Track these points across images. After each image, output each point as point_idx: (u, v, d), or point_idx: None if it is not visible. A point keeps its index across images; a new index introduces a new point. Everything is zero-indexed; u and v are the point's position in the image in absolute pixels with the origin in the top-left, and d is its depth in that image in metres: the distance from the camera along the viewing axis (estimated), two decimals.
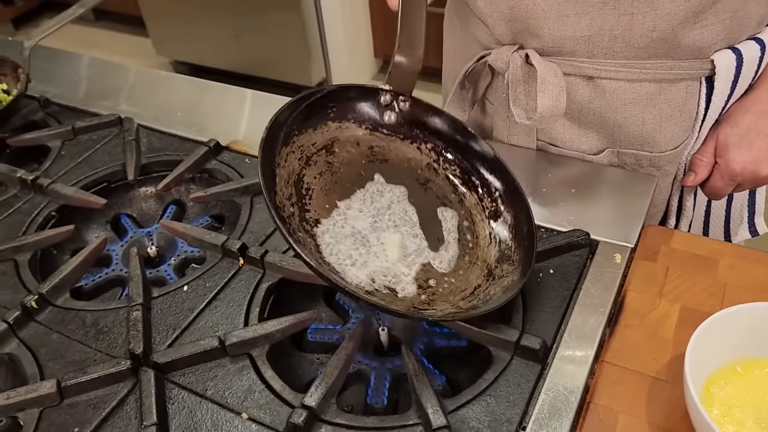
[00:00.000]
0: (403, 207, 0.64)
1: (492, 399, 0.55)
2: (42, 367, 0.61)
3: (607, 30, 0.67)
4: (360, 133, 0.68)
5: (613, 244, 0.67)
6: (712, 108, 0.71)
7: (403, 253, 0.61)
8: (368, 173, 0.66)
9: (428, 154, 0.68)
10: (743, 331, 0.51)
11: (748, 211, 0.84)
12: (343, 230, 0.60)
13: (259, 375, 0.59)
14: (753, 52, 0.69)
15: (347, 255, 0.58)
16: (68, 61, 1.11)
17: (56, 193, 0.81)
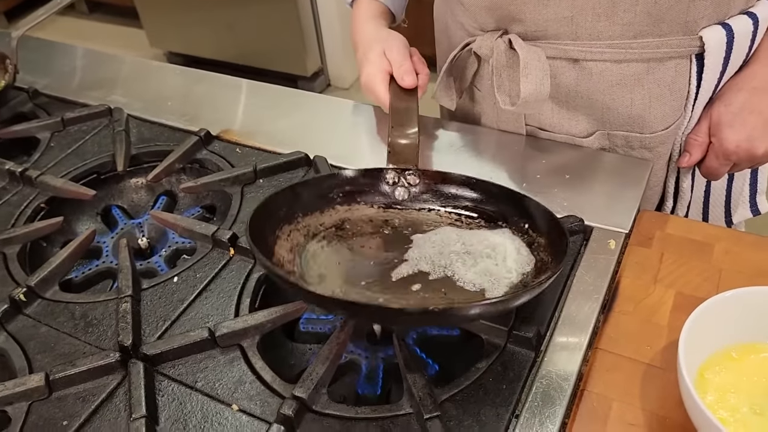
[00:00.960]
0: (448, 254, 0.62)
1: (485, 387, 0.54)
2: (30, 361, 0.61)
3: (589, 8, 0.66)
4: (372, 212, 0.67)
5: (608, 230, 0.66)
6: (703, 86, 0.70)
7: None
8: (391, 242, 0.64)
9: (449, 217, 0.67)
10: (738, 316, 0.50)
11: (750, 190, 0.83)
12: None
13: (249, 366, 0.58)
14: (745, 27, 0.67)
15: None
16: (57, 51, 1.10)
17: (45, 185, 0.80)
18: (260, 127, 0.87)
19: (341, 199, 0.67)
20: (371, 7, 0.85)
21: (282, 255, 0.61)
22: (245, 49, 2.70)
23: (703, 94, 0.71)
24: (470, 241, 0.63)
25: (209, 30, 2.71)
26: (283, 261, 0.60)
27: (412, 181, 0.68)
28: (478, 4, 0.73)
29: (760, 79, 0.69)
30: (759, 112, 0.69)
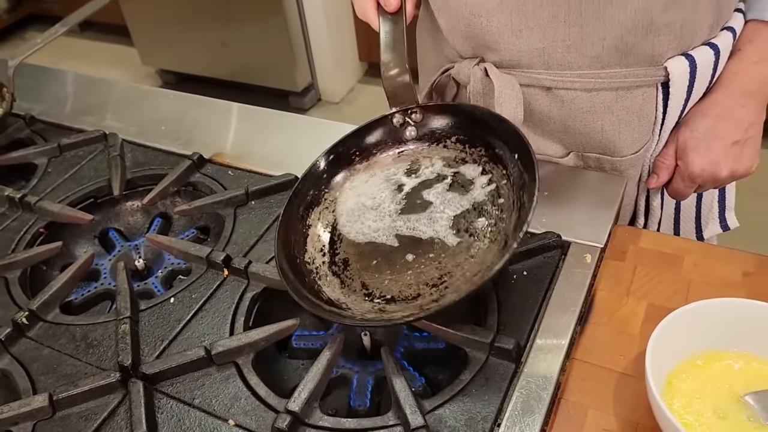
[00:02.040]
0: (437, 200, 0.68)
1: (468, 398, 0.57)
2: (34, 382, 0.63)
3: (559, 41, 0.70)
4: (390, 159, 0.73)
5: (584, 244, 0.69)
6: (669, 112, 0.74)
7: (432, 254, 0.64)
8: (401, 184, 0.71)
9: (455, 147, 0.71)
10: (703, 326, 0.54)
11: (718, 207, 0.87)
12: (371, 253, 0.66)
13: (244, 382, 0.61)
14: (706, 57, 0.71)
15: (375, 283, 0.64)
16: (52, 77, 1.13)
17: (44, 210, 0.82)
18: (251, 150, 0.90)
19: (359, 158, 0.73)
20: None
21: (314, 245, 0.68)
22: (236, 66, 2.74)
23: (670, 120, 0.75)
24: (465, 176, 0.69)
25: (200, 48, 2.75)
26: (315, 254, 0.68)
27: (417, 119, 0.72)
28: (455, 33, 0.77)
29: (722, 107, 0.73)
30: (722, 138, 0.73)
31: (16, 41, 3.45)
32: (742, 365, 0.53)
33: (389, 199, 0.70)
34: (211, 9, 2.59)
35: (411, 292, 0.62)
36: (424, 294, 0.61)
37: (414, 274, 0.63)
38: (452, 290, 0.60)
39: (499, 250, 0.61)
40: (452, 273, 0.62)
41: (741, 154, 0.73)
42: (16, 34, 3.48)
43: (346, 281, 0.65)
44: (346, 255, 0.67)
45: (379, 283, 0.64)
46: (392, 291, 0.63)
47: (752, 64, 0.73)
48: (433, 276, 0.62)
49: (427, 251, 0.64)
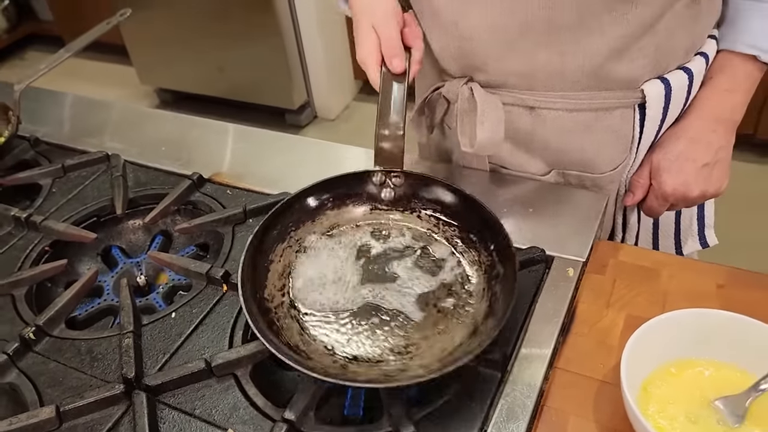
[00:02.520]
0: (405, 275, 0.69)
1: (456, 406, 0.60)
2: (41, 394, 0.66)
3: (541, 67, 0.74)
4: (360, 214, 0.74)
5: (567, 259, 0.72)
6: (645, 132, 0.78)
7: (394, 323, 0.65)
8: (367, 249, 0.72)
9: (428, 221, 0.73)
10: (676, 335, 0.57)
11: (698, 224, 0.90)
12: (335, 305, 0.67)
13: (243, 393, 0.64)
14: (681, 81, 0.75)
15: (333, 331, 0.65)
16: (56, 100, 1.17)
17: (49, 229, 0.86)
18: (249, 169, 0.93)
19: (331, 204, 0.74)
20: None
21: (274, 284, 0.68)
22: (233, 84, 2.78)
23: (646, 139, 0.79)
24: (435, 253, 0.70)
25: (198, 66, 2.79)
26: (274, 292, 0.67)
27: (397, 183, 0.74)
28: (446, 54, 0.80)
29: (695, 130, 0.77)
30: (693, 160, 0.77)
31: (16, 61, 3.49)
32: (713, 372, 0.56)
33: (351, 270, 0.69)
34: (208, 29, 2.64)
35: (374, 355, 0.62)
36: (388, 360, 0.61)
37: (378, 339, 0.63)
38: (417, 361, 0.60)
39: (467, 333, 0.62)
40: (418, 345, 0.62)
41: (710, 176, 0.77)
42: (15, 54, 3.52)
43: (306, 329, 0.64)
44: (307, 298, 0.67)
45: (341, 338, 0.63)
46: (354, 350, 0.62)
47: (723, 92, 0.77)
48: (399, 344, 0.63)
49: (393, 319, 0.65)
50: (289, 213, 0.72)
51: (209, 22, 2.62)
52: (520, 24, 0.71)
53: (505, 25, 0.72)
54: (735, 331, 0.56)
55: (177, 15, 2.68)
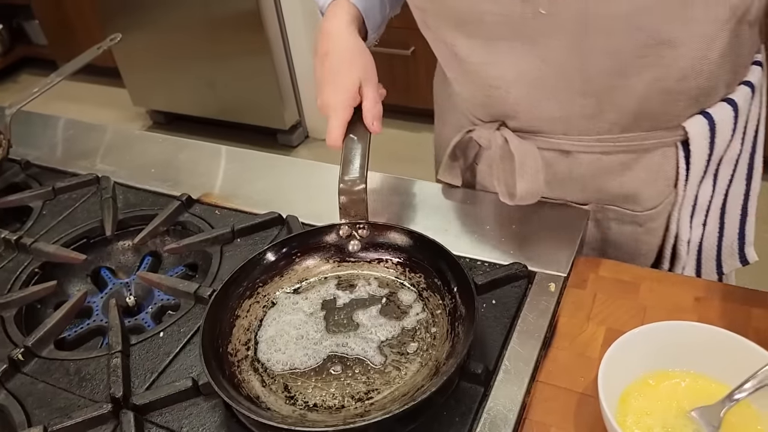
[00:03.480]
0: (369, 322, 0.69)
1: (440, 420, 0.61)
2: (29, 415, 0.67)
3: (577, 111, 0.71)
4: (328, 267, 0.76)
5: (549, 274, 0.74)
6: (692, 169, 0.75)
7: (357, 371, 0.65)
8: (333, 300, 0.73)
9: (395, 268, 0.75)
10: (653, 347, 0.58)
11: (738, 243, 0.87)
12: (298, 360, 0.67)
13: (230, 411, 0.64)
14: (725, 113, 0.72)
15: (295, 382, 0.65)
16: (46, 124, 1.18)
17: (39, 251, 0.86)
18: (237, 190, 0.95)
19: (299, 257, 0.76)
20: (351, 12, 0.78)
21: (239, 338, 0.69)
22: (225, 105, 2.81)
23: (695, 175, 0.75)
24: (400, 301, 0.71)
25: (190, 88, 2.82)
26: (239, 346, 0.68)
27: (363, 234, 0.76)
28: (474, 102, 0.79)
29: None
30: None
31: (9, 84, 3.51)
32: (689, 383, 0.57)
33: (316, 325, 0.69)
34: (200, 51, 2.67)
35: (335, 402, 0.62)
36: (349, 407, 0.61)
37: (340, 386, 0.63)
38: (378, 407, 0.60)
39: (429, 374, 0.63)
40: (380, 390, 0.63)
41: None
42: (9, 78, 3.54)
43: (267, 381, 0.65)
44: (269, 356, 0.67)
45: (302, 388, 0.64)
46: (315, 398, 0.63)
47: None
48: (360, 390, 0.63)
49: (354, 366, 0.65)
50: (258, 268, 0.73)
51: (201, 44, 2.65)
52: (552, 72, 0.69)
53: (536, 73, 0.70)
54: (710, 343, 0.57)
55: (169, 37, 2.71)
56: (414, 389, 0.61)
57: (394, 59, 2.48)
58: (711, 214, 0.84)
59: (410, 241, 0.74)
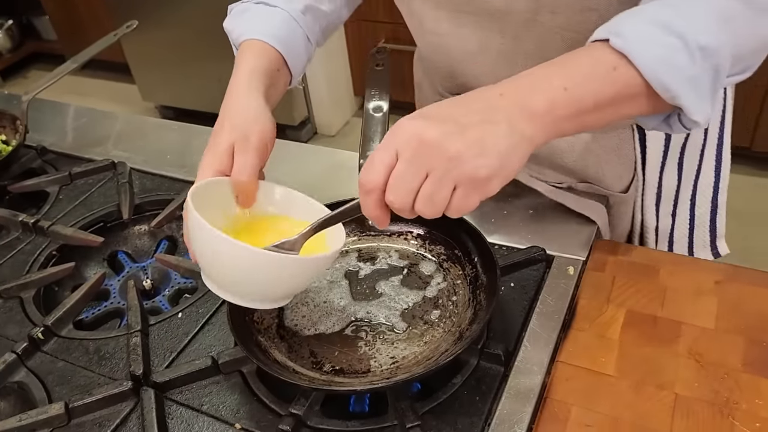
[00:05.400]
0: (392, 292, 0.70)
1: (460, 400, 0.61)
2: (50, 392, 0.67)
3: None
4: (349, 240, 0.76)
5: (567, 258, 0.74)
6: (650, 153, 0.76)
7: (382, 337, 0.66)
8: (355, 271, 0.73)
9: (415, 241, 0.75)
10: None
11: (710, 235, 0.89)
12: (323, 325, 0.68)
13: (249, 389, 0.65)
14: None
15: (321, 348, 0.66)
16: (62, 111, 1.19)
17: (56, 234, 0.87)
18: None
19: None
20: (264, 57, 0.70)
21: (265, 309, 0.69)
22: None
23: (653, 160, 0.77)
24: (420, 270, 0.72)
25: (199, 84, 2.82)
26: (264, 315, 0.69)
27: None
28: (440, 72, 0.81)
29: None
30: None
31: (19, 79, 3.53)
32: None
33: (339, 292, 0.70)
34: (210, 46, 2.67)
35: (361, 367, 0.63)
36: (375, 371, 0.62)
37: (366, 351, 0.64)
38: (403, 370, 0.62)
39: (453, 340, 0.64)
40: (404, 355, 0.64)
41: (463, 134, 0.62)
42: (19, 73, 3.56)
43: (294, 347, 0.66)
44: (296, 322, 0.69)
45: (328, 353, 0.65)
46: (341, 363, 0.63)
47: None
48: (385, 355, 0.64)
49: (379, 332, 0.66)
50: None
51: (210, 40, 2.65)
52: (512, 47, 0.70)
53: (497, 47, 0.71)
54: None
55: (178, 33, 2.71)
56: (438, 354, 0.62)
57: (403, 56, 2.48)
58: (680, 206, 0.86)
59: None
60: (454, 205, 0.50)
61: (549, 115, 0.49)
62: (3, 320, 0.76)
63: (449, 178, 0.48)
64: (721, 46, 0.49)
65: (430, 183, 0.49)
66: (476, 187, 0.49)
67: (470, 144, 0.48)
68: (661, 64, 0.48)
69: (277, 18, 0.73)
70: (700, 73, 0.49)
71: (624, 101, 0.50)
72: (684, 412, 0.57)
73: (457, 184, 0.49)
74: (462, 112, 0.50)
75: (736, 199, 0.93)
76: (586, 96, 0.49)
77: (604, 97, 0.50)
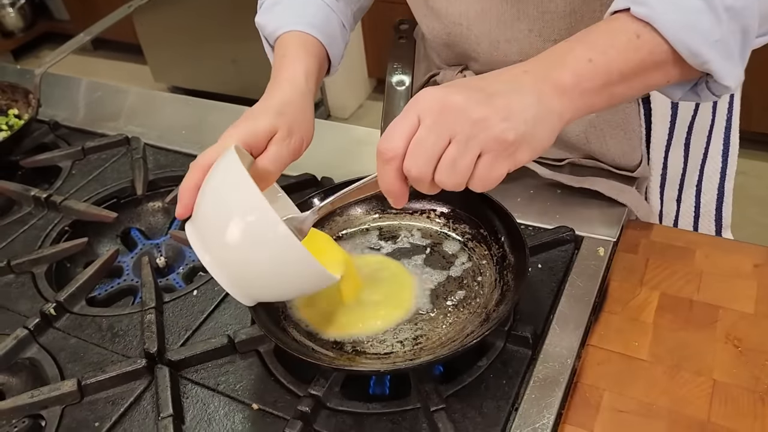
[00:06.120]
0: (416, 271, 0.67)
1: (486, 383, 0.58)
2: (62, 369, 0.65)
3: (535, 55, 0.70)
4: (369, 218, 0.74)
5: (597, 238, 0.71)
6: (655, 129, 0.73)
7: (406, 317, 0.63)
8: (377, 249, 0.71)
9: (438, 220, 0.72)
10: None
11: (715, 225, 0.87)
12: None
13: (266, 369, 0.62)
14: None
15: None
16: (75, 86, 1.16)
17: (69, 209, 0.85)
18: None
19: (340, 209, 0.73)
20: (312, 60, 0.67)
21: None
22: (247, 82, 2.78)
23: (658, 137, 0.74)
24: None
25: (212, 65, 2.80)
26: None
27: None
28: (438, 41, 0.78)
29: None
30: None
31: (31, 59, 3.51)
32: None
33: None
34: (222, 27, 2.64)
35: (384, 348, 0.61)
36: (398, 352, 0.60)
37: (388, 332, 0.62)
38: (427, 351, 0.59)
39: (479, 322, 0.61)
40: (428, 336, 0.61)
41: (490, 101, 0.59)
42: (31, 53, 3.54)
43: (315, 326, 0.64)
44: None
45: (351, 334, 0.63)
46: (363, 344, 0.61)
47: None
48: (408, 336, 0.62)
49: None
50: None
51: (223, 21, 2.62)
52: (512, 12, 0.67)
53: (496, 11, 0.68)
54: None
55: (191, 13, 2.68)
56: (463, 336, 0.60)
57: None
58: (686, 191, 0.83)
59: (455, 192, 0.71)
60: (478, 174, 0.47)
61: (576, 89, 0.47)
62: (15, 295, 0.75)
63: (474, 143, 0.45)
64: (747, 5, 0.46)
65: (453, 148, 0.46)
66: (503, 153, 0.46)
67: (497, 109, 0.45)
68: (686, 29, 0.46)
69: (311, 7, 0.70)
70: (727, 35, 0.46)
71: (650, 70, 0.48)
72: (722, 399, 0.54)
73: (483, 149, 0.46)
74: (487, 83, 0.48)
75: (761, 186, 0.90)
76: (611, 66, 0.47)
77: (630, 67, 0.47)
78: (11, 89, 1.06)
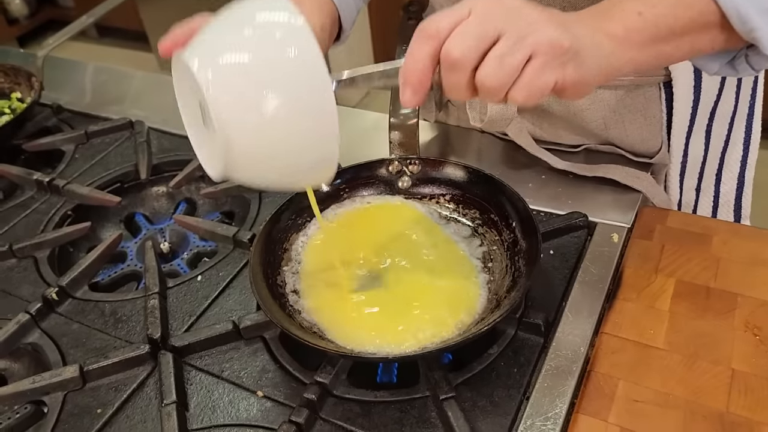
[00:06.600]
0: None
1: (497, 371, 0.57)
2: (64, 355, 0.64)
3: None
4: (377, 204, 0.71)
5: (611, 224, 0.69)
6: (677, 115, 0.71)
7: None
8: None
9: (447, 206, 0.70)
10: None
11: (734, 215, 0.85)
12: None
13: (272, 356, 0.61)
14: None
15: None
16: (78, 69, 1.15)
17: (72, 193, 0.84)
18: None
19: (347, 194, 0.71)
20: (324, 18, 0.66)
21: (288, 265, 0.66)
22: None
23: (680, 124, 0.72)
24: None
25: None
26: (288, 279, 0.65)
27: (414, 170, 0.71)
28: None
29: None
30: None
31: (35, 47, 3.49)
32: None
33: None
34: None
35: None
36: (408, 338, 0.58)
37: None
38: (437, 339, 0.57)
39: (490, 308, 0.60)
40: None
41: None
42: (35, 40, 3.52)
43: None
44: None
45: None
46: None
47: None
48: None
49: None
50: (306, 201, 0.68)
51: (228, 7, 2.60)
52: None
53: None
54: None
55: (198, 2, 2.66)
56: (473, 322, 0.58)
57: None
58: (705, 180, 0.81)
59: (465, 176, 0.69)
60: (525, 78, 0.43)
61: (626, 42, 0.46)
62: (17, 280, 0.73)
63: (527, 43, 0.42)
64: None
65: (503, 43, 0.43)
66: (555, 60, 0.43)
67: (553, 19, 0.44)
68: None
69: None
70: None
71: (698, 31, 0.47)
72: (742, 389, 0.52)
73: (534, 51, 0.43)
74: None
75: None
76: (660, 21, 0.46)
77: (679, 24, 0.47)
78: (14, 72, 1.04)
